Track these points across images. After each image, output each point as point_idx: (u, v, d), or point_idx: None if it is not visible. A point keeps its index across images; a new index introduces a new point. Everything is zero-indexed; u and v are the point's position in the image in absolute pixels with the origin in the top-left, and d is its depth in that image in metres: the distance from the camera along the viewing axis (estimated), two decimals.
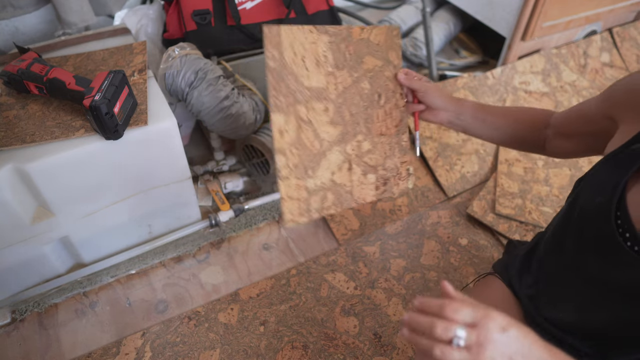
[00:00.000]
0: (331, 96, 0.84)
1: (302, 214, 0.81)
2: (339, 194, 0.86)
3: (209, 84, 1.04)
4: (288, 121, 0.79)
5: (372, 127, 0.89)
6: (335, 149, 0.85)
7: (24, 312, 0.92)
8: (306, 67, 0.81)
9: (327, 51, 0.83)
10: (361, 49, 0.86)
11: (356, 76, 0.86)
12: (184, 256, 1.03)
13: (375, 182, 0.89)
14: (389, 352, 0.86)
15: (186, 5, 1.14)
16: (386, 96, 0.89)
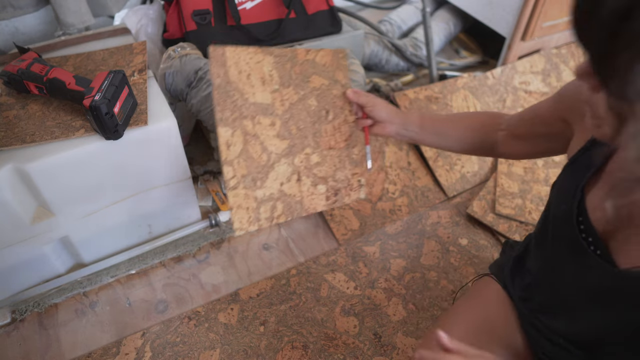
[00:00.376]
0: (277, 112, 0.88)
1: (251, 222, 0.86)
2: (288, 204, 0.91)
3: (209, 84, 1.04)
4: (234, 134, 0.84)
5: (321, 141, 0.93)
6: (283, 161, 0.90)
7: (24, 312, 0.92)
8: (252, 84, 0.85)
9: (272, 70, 0.88)
10: (307, 69, 0.91)
11: (302, 94, 0.91)
12: (184, 256, 1.03)
13: (325, 193, 0.94)
14: (389, 352, 0.86)
15: (186, 5, 1.14)
16: (334, 112, 0.93)
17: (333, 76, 0.94)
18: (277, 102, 0.88)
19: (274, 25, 1.21)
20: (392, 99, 1.28)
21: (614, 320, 0.54)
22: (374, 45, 1.44)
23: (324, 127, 0.94)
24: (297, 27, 1.23)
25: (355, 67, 1.25)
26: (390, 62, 1.48)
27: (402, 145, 1.23)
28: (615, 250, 0.54)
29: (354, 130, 0.97)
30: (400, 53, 1.46)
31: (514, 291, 0.70)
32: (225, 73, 0.83)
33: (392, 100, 1.28)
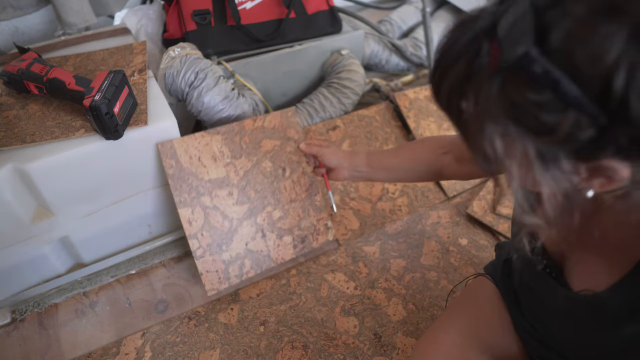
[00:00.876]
0: (233, 182, 0.95)
1: (222, 282, 0.94)
2: (256, 259, 0.97)
3: (208, 84, 1.04)
4: (194, 211, 0.92)
5: (281, 196, 1.00)
6: (245, 223, 0.97)
7: (24, 312, 0.92)
8: (204, 165, 0.93)
9: (222, 147, 0.94)
10: (257, 136, 0.98)
11: (256, 159, 0.97)
12: (184, 256, 1.03)
13: (292, 242, 1.00)
14: (389, 352, 0.86)
15: (186, 5, 1.14)
16: (291, 168, 1.00)
17: (285, 135, 1.00)
18: (232, 173, 0.95)
19: (274, 25, 1.21)
20: (392, 99, 1.28)
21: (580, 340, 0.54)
22: (374, 45, 1.44)
23: (283, 183, 1.00)
24: (297, 27, 1.23)
25: (355, 67, 1.25)
26: (390, 62, 1.48)
27: None
28: (569, 273, 0.54)
29: (313, 180, 1.02)
30: (400, 53, 1.46)
31: (505, 294, 0.70)
32: (177, 162, 0.90)
33: (392, 100, 1.28)
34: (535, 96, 0.31)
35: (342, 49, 1.28)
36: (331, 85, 1.24)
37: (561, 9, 0.30)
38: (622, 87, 0.28)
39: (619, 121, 0.30)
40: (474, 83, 0.34)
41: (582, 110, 0.30)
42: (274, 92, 1.27)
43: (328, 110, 1.22)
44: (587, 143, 0.31)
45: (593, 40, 0.29)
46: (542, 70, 0.30)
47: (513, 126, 0.33)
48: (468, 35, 0.35)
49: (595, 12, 0.29)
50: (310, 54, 1.25)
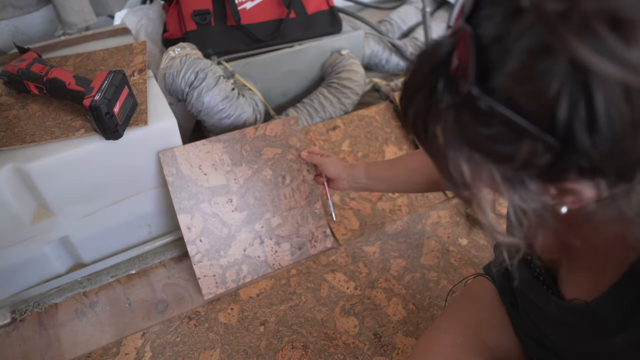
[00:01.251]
0: (233, 189, 0.96)
1: (219, 286, 0.94)
2: (253, 265, 0.97)
3: (208, 84, 1.04)
4: (193, 218, 0.93)
5: (280, 204, 1.00)
6: (244, 229, 0.97)
7: (24, 312, 0.92)
8: (204, 172, 0.94)
9: (223, 154, 0.95)
10: (258, 144, 0.99)
11: (256, 167, 0.98)
12: (183, 256, 1.03)
13: (290, 249, 1.01)
14: (389, 352, 0.86)
15: (186, 5, 1.14)
16: (291, 176, 1.01)
17: (286, 143, 1.01)
18: (232, 181, 0.96)
19: (274, 25, 1.21)
20: (392, 99, 1.28)
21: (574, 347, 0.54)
22: (374, 45, 1.44)
23: (282, 191, 1.00)
24: (297, 27, 1.23)
25: (355, 67, 1.25)
26: (390, 62, 1.48)
27: (402, 145, 1.23)
28: (561, 281, 0.54)
29: (313, 187, 1.03)
30: (400, 53, 1.46)
31: (504, 295, 0.70)
32: (177, 170, 0.92)
33: (392, 100, 1.28)
34: (486, 130, 0.32)
35: (342, 49, 1.28)
36: (331, 85, 1.24)
37: (502, 46, 0.30)
38: (565, 119, 0.29)
39: (571, 148, 0.30)
40: (433, 115, 0.35)
41: (535, 140, 0.30)
42: (274, 92, 1.27)
43: (328, 110, 1.22)
44: (548, 167, 0.32)
45: (533, 77, 0.29)
46: (487, 107, 0.31)
47: (475, 154, 0.34)
48: (427, 66, 0.36)
49: (534, 50, 0.29)
50: (310, 54, 1.25)
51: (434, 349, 0.67)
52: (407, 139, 1.25)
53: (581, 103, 0.28)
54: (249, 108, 1.11)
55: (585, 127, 0.29)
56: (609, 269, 0.46)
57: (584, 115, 0.28)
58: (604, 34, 0.27)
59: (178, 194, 0.92)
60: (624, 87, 0.28)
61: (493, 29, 0.31)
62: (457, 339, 0.67)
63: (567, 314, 0.52)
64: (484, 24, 0.32)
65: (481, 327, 0.68)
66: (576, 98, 0.28)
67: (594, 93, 0.28)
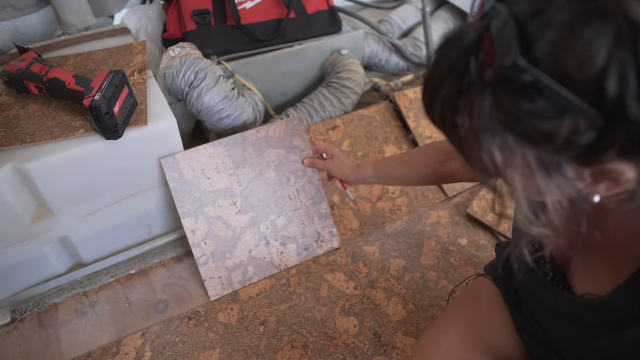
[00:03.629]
0: (236, 192, 0.96)
1: (225, 288, 0.94)
2: (259, 266, 0.97)
3: (208, 84, 1.04)
4: (198, 221, 0.94)
5: (285, 205, 1.00)
6: (249, 232, 0.97)
7: (24, 312, 0.92)
8: (207, 177, 0.94)
9: (225, 158, 0.95)
10: (261, 146, 0.98)
11: (259, 169, 0.98)
12: (184, 256, 1.03)
13: (296, 250, 1.00)
14: (389, 352, 0.86)
15: (186, 5, 1.14)
16: (296, 176, 1.01)
17: (290, 144, 1.01)
18: (235, 183, 0.96)
19: (274, 25, 1.21)
20: (392, 99, 1.28)
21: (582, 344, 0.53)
22: (374, 45, 1.44)
23: (287, 192, 1.00)
24: (297, 27, 1.23)
25: (355, 67, 1.25)
26: (390, 62, 1.48)
27: (402, 145, 1.23)
28: (572, 277, 0.54)
29: (319, 188, 1.03)
30: (400, 53, 1.46)
31: (506, 295, 0.70)
32: (180, 176, 0.92)
33: (392, 100, 1.28)
34: (530, 105, 0.31)
35: (342, 49, 1.28)
36: (331, 85, 1.24)
37: (544, 19, 0.30)
38: (616, 88, 0.28)
39: (618, 122, 0.29)
40: (466, 99, 0.34)
41: (579, 115, 0.30)
42: (274, 92, 1.27)
43: (328, 110, 1.22)
44: (588, 147, 0.31)
45: (580, 45, 0.28)
46: (533, 79, 0.30)
47: (511, 137, 0.33)
48: (455, 52, 0.35)
49: (579, 18, 0.28)
50: (310, 54, 1.25)
51: (434, 349, 0.67)
52: (407, 139, 1.25)
53: (632, 70, 0.28)
54: (249, 108, 1.11)
55: (637, 96, 0.28)
56: (625, 262, 0.45)
57: (635, 83, 0.28)
58: None
59: (182, 198, 0.92)
60: None
61: (529, 4, 0.31)
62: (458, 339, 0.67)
63: (578, 309, 0.51)
64: (517, 2, 0.31)
65: (483, 327, 0.68)
66: (627, 68, 0.28)
67: None
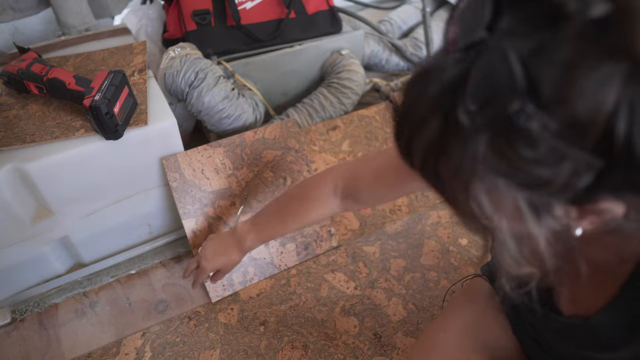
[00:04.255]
0: (235, 192, 0.97)
1: (226, 289, 0.95)
2: (259, 266, 0.97)
3: (208, 84, 1.04)
4: (198, 222, 0.95)
5: None
6: None
7: (24, 312, 0.92)
8: (207, 177, 0.95)
9: (224, 159, 0.97)
10: (258, 147, 1.00)
11: (257, 170, 0.99)
12: (184, 256, 1.03)
13: (295, 249, 1.00)
14: (389, 352, 0.86)
15: (186, 5, 1.14)
16: (292, 177, 1.02)
17: (286, 145, 1.03)
18: (234, 184, 0.98)
19: (274, 25, 1.21)
20: (392, 99, 1.28)
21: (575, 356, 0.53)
22: (374, 45, 1.44)
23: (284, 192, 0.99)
24: (297, 27, 1.23)
25: (355, 67, 1.25)
26: (390, 62, 1.48)
27: None
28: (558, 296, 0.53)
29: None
30: (400, 53, 1.46)
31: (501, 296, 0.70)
32: (180, 175, 0.93)
33: (392, 100, 1.28)
34: (530, 152, 0.29)
35: (342, 49, 1.28)
36: (331, 85, 1.24)
37: (546, 55, 0.27)
38: (625, 130, 0.27)
39: (620, 164, 0.28)
40: (453, 142, 0.31)
41: (580, 160, 0.28)
42: (274, 92, 1.27)
43: (328, 110, 1.22)
44: (584, 189, 0.30)
45: (589, 88, 0.26)
46: (540, 126, 0.28)
47: (502, 181, 0.31)
48: (434, 89, 0.31)
49: (586, 56, 0.26)
50: (310, 54, 1.25)
51: (432, 349, 0.67)
52: None
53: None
54: (249, 108, 1.11)
55: None
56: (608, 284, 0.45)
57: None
58: None
59: (182, 199, 0.93)
60: None
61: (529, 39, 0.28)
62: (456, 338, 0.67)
63: (567, 329, 0.51)
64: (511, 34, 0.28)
65: (480, 327, 0.68)
66: (636, 108, 0.26)
67: None
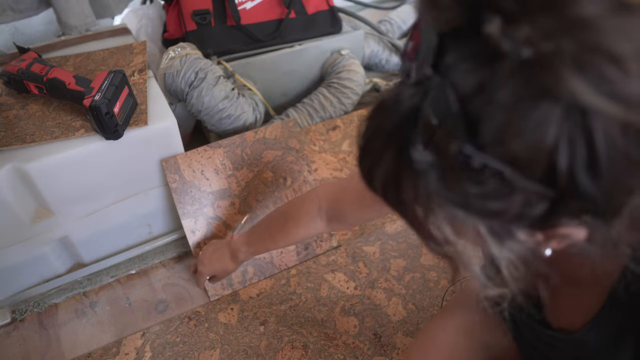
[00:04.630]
0: (235, 192, 0.97)
1: (225, 288, 0.95)
2: (259, 266, 0.97)
3: (208, 84, 1.04)
4: (197, 222, 0.95)
5: None
6: None
7: (24, 312, 0.92)
8: (206, 177, 0.95)
9: (224, 159, 0.97)
10: (258, 147, 1.00)
11: (257, 170, 0.99)
12: (184, 256, 1.03)
13: (295, 249, 1.00)
14: (389, 352, 0.86)
15: (186, 5, 1.14)
16: (292, 177, 1.01)
17: (286, 145, 1.02)
18: (234, 184, 0.97)
19: (274, 25, 1.21)
20: None
21: None
22: (374, 45, 1.44)
23: (284, 192, 1.01)
24: (297, 27, 1.23)
25: (355, 67, 1.25)
26: (390, 62, 1.48)
27: None
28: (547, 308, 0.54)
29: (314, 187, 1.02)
30: (400, 53, 1.46)
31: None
32: (180, 177, 0.93)
33: None
34: (477, 189, 0.29)
35: (342, 49, 1.28)
36: (331, 85, 1.24)
37: (487, 97, 0.27)
38: (567, 165, 0.27)
39: (569, 195, 0.28)
40: (408, 176, 0.31)
41: (529, 192, 0.29)
42: (274, 92, 1.27)
43: (328, 110, 1.22)
44: (540, 217, 0.30)
45: (528, 127, 0.27)
46: (480, 166, 0.28)
47: (460, 212, 0.31)
48: (390, 122, 0.32)
49: (524, 97, 0.26)
50: (310, 54, 1.25)
51: (430, 347, 0.67)
52: None
53: (581, 147, 0.26)
54: (249, 108, 1.11)
55: (587, 172, 0.27)
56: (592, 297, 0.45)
57: (585, 159, 0.27)
58: (601, 70, 0.25)
59: (182, 199, 0.93)
60: (622, 124, 0.26)
61: (470, 77, 0.28)
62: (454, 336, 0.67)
63: (556, 342, 0.52)
64: (454, 71, 0.28)
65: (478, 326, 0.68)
66: (575, 142, 0.26)
67: (595, 135, 0.26)
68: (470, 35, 0.28)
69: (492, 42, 0.26)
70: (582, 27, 0.25)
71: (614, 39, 0.26)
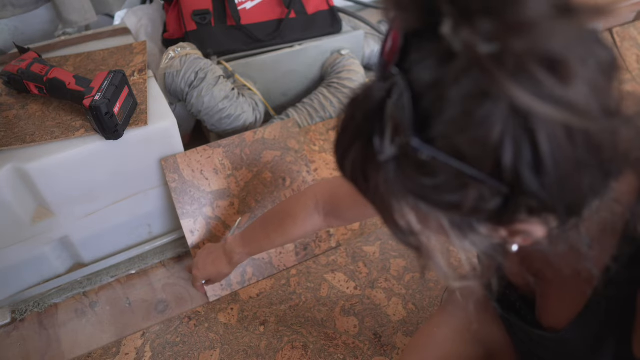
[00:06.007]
0: (234, 192, 0.97)
1: (224, 289, 0.94)
2: (258, 266, 0.97)
3: (208, 84, 1.04)
4: (196, 222, 0.95)
5: None
6: None
7: (24, 312, 0.92)
8: (206, 177, 0.95)
9: (224, 159, 0.97)
10: (257, 148, 1.00)
11: (256, 170, 0.99)
12: (184, 256, 1.03)
13: (294, 250, 1.00)
14: (389, 352, 0.86)
15: (186, 5, 1.14)
16: (291, 177, 1.01)
17: (285, 145, 1.02)
18: (233, 184, 0.97)
19: (274, 25, 1.21)
20: None
21: None
22: (374, 45, 1.44)
23: (283, 192, 1.01)
24: (297, 27, 1.23)
25: (355, 67, 1.25)
26: None
27: None
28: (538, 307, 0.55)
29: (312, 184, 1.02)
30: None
31: None
32: (179, 176, 0.93)
33: None
34: (430, 180, 0.31)
35: (342, 49, 1.28)
36: (331, 85, 1.24)
37: (438, 93, 0.29)
38: (511, 163, 0.28)
39: (518, 192, 0.29)
40: (372, 167, 0.33)
41: (482, 186, 0.30)
42: (274, 92, 1.26)
43: (328, 110, 1.22)
44: (497, 211, 0.31)
45: (474, 124, 0.28)
46: (429, 158, 0.30)
47: (421, 203, 0.32)
48: (360, 114, 0.34)
49: (472, 95, 0.28)
50: (310, 54, 1.24)
51: (427, 343, 0.68)
52: None
53: (526, 146, 0.27)
54: (249, 108, 1.11)
55: (532, 170, 0.28)
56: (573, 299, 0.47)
57: (530, 158, 0.28)
58: (540, 75, 0.26)
59: (181, 199, 0.93)
60: (566, 126, 0.27)
61: (426, 74, 0.29)
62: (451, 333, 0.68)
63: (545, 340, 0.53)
64: (415, 68, 0.30)
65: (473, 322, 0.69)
66: (520, 142, 0.27)
67: (538, 136, 0.27)
68: (430, 36, 0.29)
69: (446, 43, 0.28)
70: (521, 31, 0.26)
71: (554, 44, 0.26)
